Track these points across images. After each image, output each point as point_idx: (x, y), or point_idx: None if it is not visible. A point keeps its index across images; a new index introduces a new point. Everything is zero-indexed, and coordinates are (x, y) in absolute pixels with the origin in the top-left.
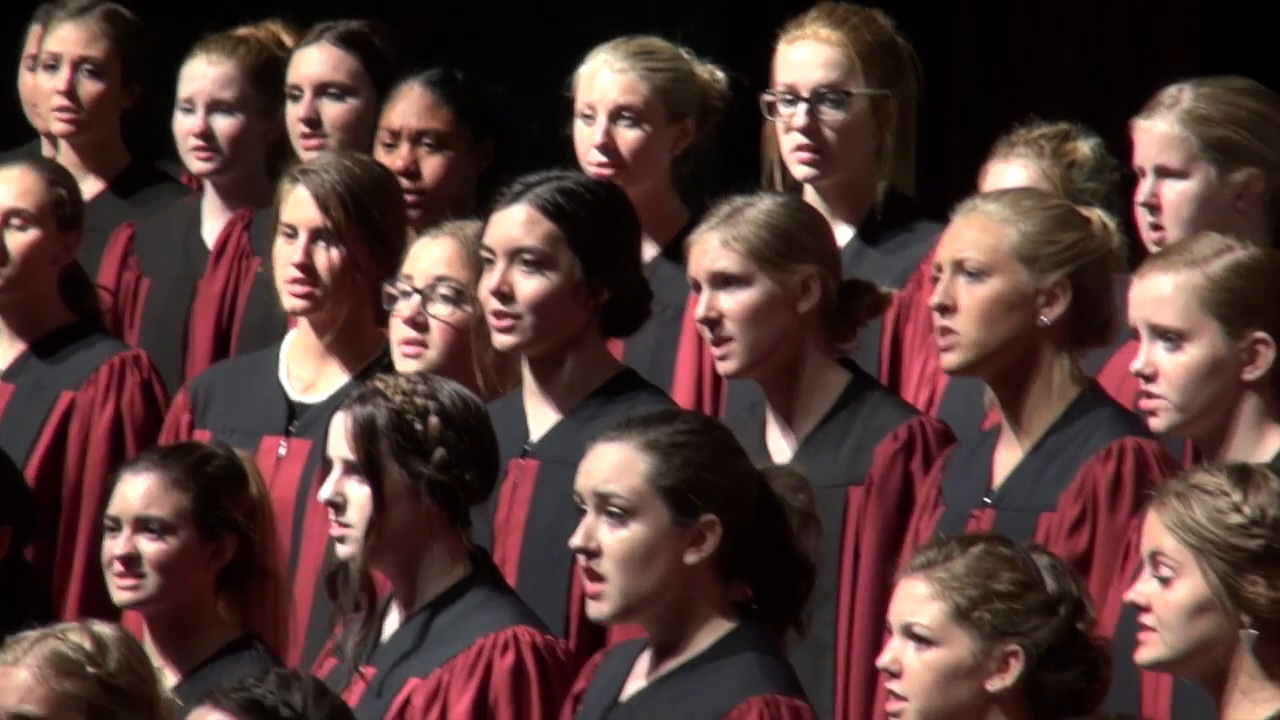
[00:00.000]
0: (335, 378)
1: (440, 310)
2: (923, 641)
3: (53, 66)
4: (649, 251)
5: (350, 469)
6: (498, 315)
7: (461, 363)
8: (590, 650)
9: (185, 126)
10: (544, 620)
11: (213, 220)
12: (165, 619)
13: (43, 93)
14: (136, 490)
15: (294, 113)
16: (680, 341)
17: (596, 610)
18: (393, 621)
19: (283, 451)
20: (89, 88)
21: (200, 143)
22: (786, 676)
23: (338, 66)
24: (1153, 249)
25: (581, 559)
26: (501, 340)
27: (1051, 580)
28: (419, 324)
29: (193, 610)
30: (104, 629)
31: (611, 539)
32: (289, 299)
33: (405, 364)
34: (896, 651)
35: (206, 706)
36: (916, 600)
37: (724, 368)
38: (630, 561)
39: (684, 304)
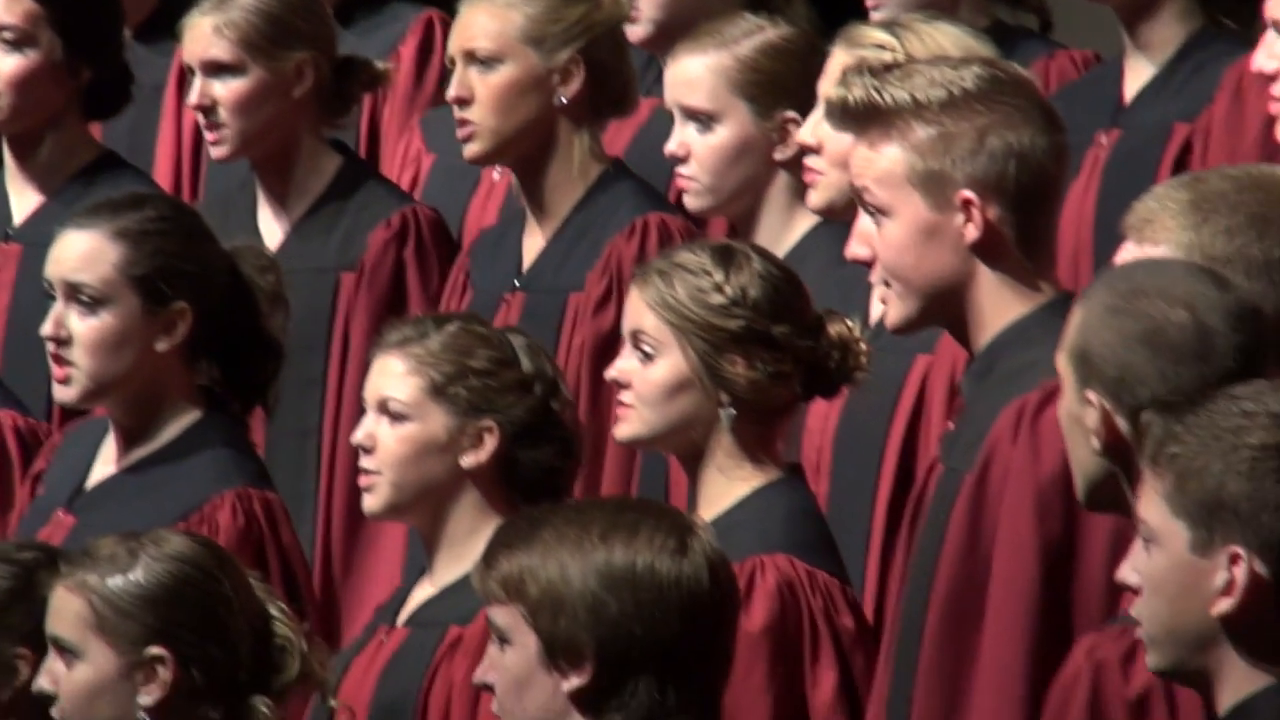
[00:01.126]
0: None
1: None
2: (397, 417)
3: None
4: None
5: None
6: None
7: None
8: None
9: None
10: (26, 404)
11: None
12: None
13: None
14: None
15: None
16: (160, 123)
17: (62, 394)
18: None
19: None
20: None
21: None
22: (257, 470)
23: None
24: None
25: (50, 346)
26: None
27: (527, 360)
28: None
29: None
30: None
31: (82, 327)
32: None
33: None
34: (370, 427)
35: None
36: (392, 376)
37: (216, 153)
38: (100, 349)
39: (161, 85)
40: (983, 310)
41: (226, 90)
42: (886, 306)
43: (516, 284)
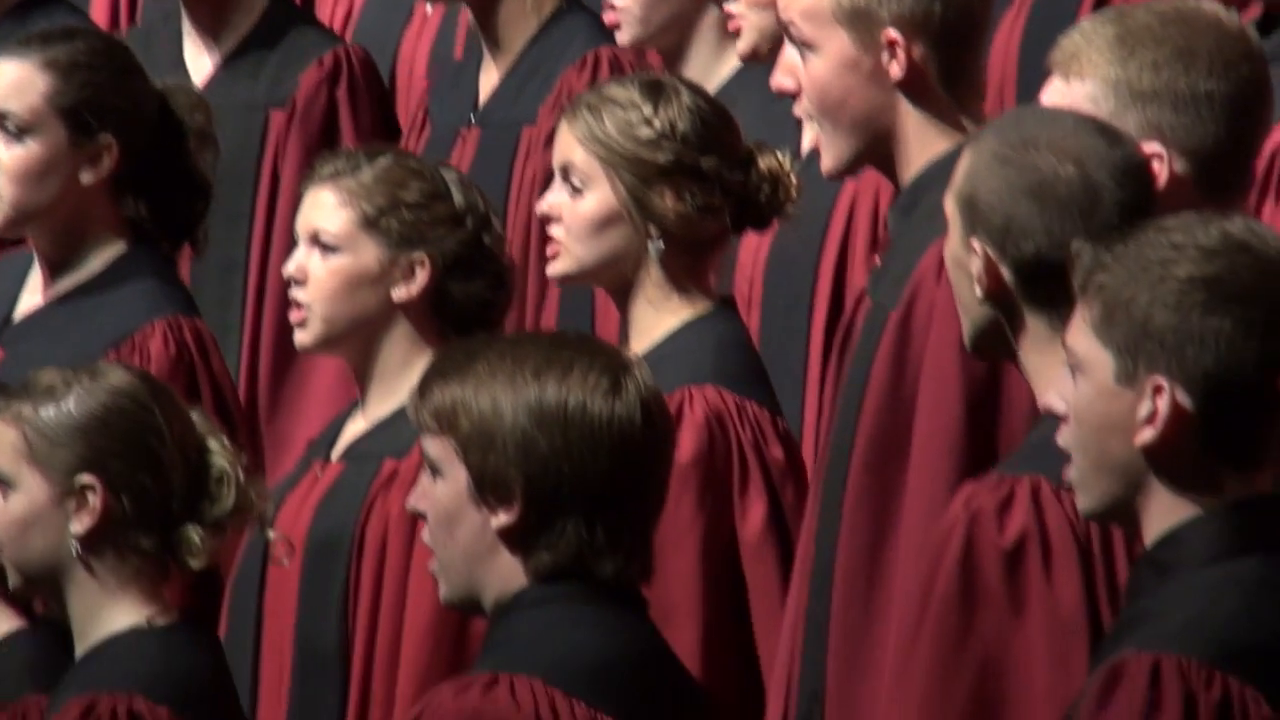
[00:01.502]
0: None
1: None
2: (329, 249)
3: None
4: None
5: None
6: None
7: None
8: None
9: None
10: None
11: None
12: None
13: None
14: None
15: None
16: None
17: None
18: None
19: None
20: None
21: None
22: (185, 299)
23: None
24: None
25: None
26: None
27: (459, 193)
28: None
29: None
30: None
31: (7, 155)
32: None
33: None
34: (301, 259)
35: None
36: (324, 209)
37: None
38: (25, 177)
39: None
40: (909, 147)
41: None
42: (821, 151)
43: (472, 119)
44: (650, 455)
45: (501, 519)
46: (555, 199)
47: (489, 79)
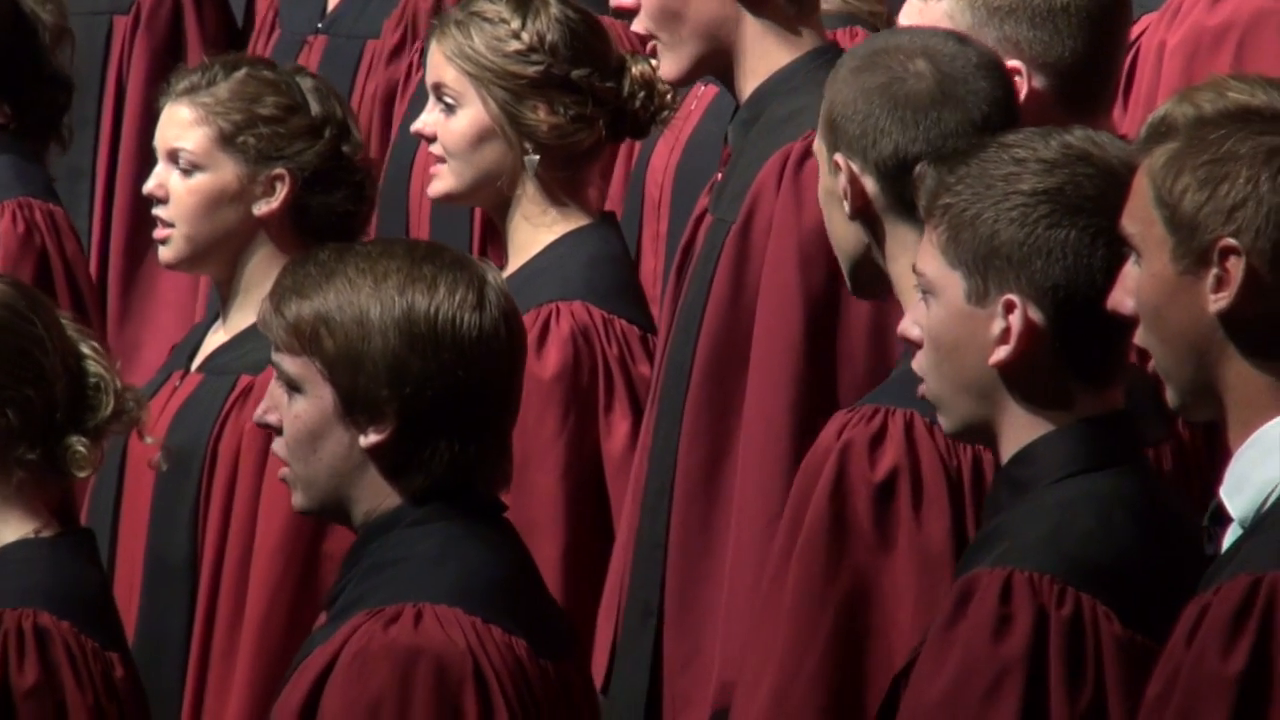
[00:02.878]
0: None
1: None
2: (188, 168)
3: None
4: None
5: None
6: None
7: None
8: None
9: None
10: None
11: None
12: None
13: None
14: None
15: None
16: None
17: None
18: None
19: None
20: None
21: None
22: (44, 183)
23: None
24: None
25: None
26: None
27: (316, 103)
28: None
29: None
30: None
31: None
32: None
33: None
34: (162, 177)
35: None
36: (181, 126)
37: None
38: None
39: None
40: (748, 58)
41: None
42: (659, 59)
43: (319, 26)
44: (512, 366)
45: (371, 438)
46: (429, 118)
47: None
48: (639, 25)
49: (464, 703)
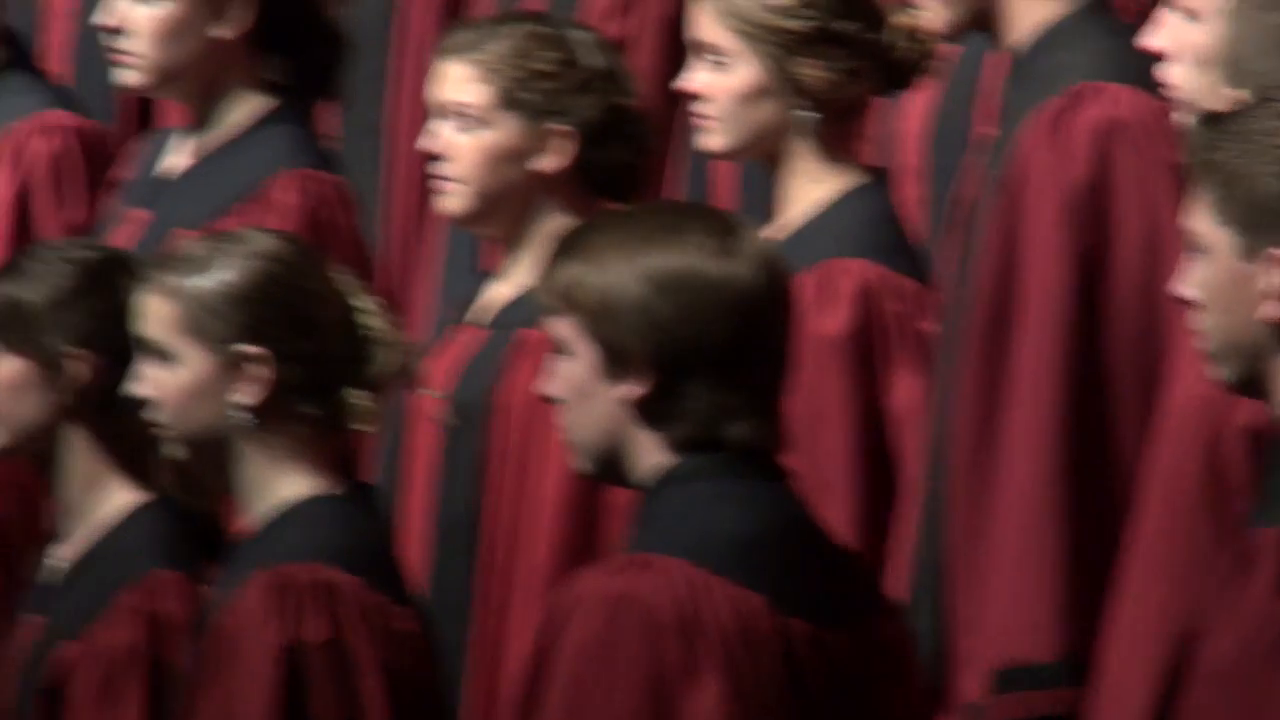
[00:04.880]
0: None
1: None
2: (469, 124)
3: None
4: None
5: None
6: None
7: None
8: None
9: None
10: (92, 106)
11: None
12: None
13: None
14: None
15: None
16: None
17: (127, 79)
18: None
19: None
20: None
21: None
22: (321, 152)
23: None
24: None
25: (111, 38)
26: None
27: (593, 56)
28: None
29: None
30: None
31: (140, 15)
32: None
33: None
34: (442, 134)
35: None
36: (460, 83)
37: None
38: (159, 36)
39: None
40: (1017, 11)
41: None
42: (928, 10)
43: None
44: (771, 313)
45: (632, 390)
46: (700, 77)
47: None
48: None
49: (667, 652)
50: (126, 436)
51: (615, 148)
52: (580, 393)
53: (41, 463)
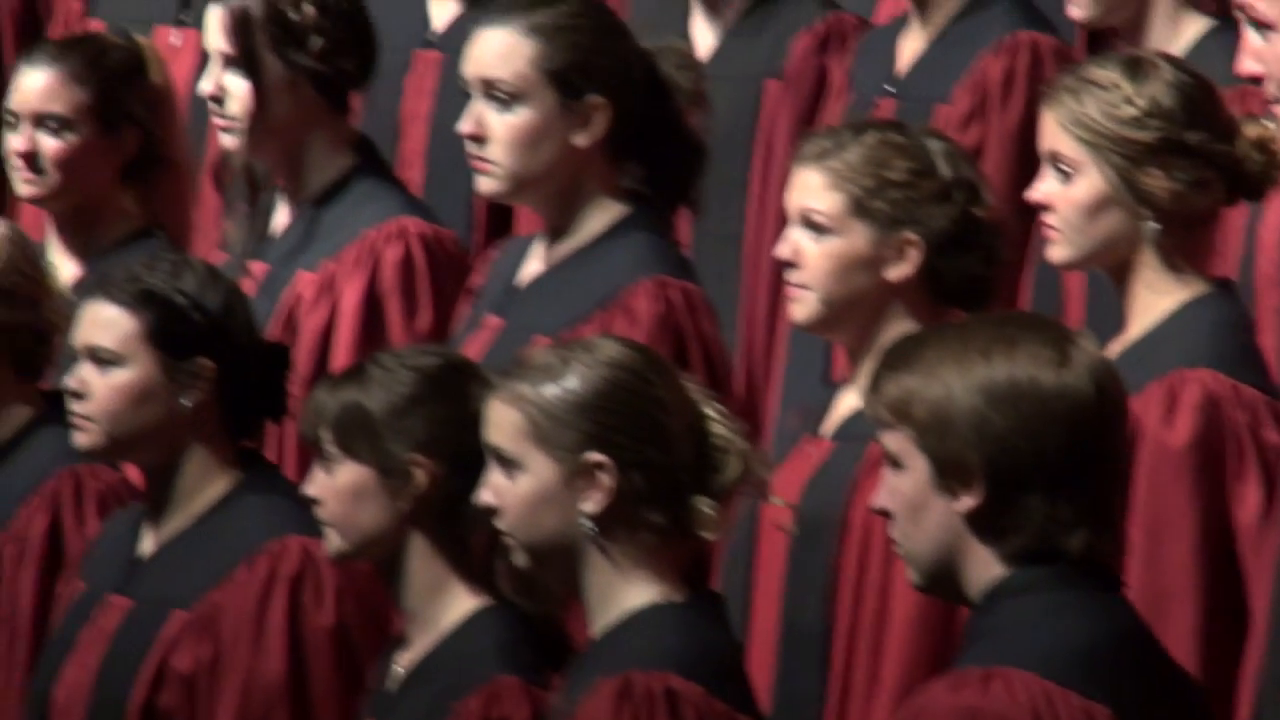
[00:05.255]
0: None
1: None
2: (820, 231)
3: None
4: None
5: (229, 62)
6: None
7: None
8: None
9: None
10: (447, 213)
11: None
12: (68, 214)
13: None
14: (34, 85)
15: None
16: None
17: (486, 186)
18: (282, 217)
19: (175, 41)
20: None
21: None
22: (678, 259)
23: None
24: None
25: (470, 145)
26: None
27: (946, 166)
28: None
29: (95, 204)
30: None
31: (500, 123)
32: None
33: None
34: (794, 240)
35: (99, 299)
36: (812, 190)
37: None
38: (517, 145)
39: None
40: None
41: None
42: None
43: (888, 88)
44: (1105, 425)
45: (965, 503)
46: (1047, 187)
47: (909, 48)
48: (1271, 86)
49: None
50: (468, 542)
51: (966, 257)
52: (913, 506)
53: (384, 569)
